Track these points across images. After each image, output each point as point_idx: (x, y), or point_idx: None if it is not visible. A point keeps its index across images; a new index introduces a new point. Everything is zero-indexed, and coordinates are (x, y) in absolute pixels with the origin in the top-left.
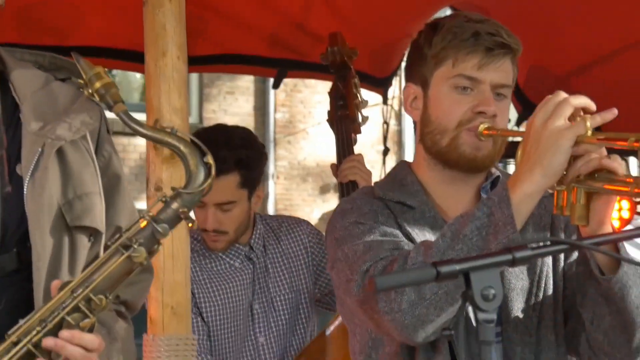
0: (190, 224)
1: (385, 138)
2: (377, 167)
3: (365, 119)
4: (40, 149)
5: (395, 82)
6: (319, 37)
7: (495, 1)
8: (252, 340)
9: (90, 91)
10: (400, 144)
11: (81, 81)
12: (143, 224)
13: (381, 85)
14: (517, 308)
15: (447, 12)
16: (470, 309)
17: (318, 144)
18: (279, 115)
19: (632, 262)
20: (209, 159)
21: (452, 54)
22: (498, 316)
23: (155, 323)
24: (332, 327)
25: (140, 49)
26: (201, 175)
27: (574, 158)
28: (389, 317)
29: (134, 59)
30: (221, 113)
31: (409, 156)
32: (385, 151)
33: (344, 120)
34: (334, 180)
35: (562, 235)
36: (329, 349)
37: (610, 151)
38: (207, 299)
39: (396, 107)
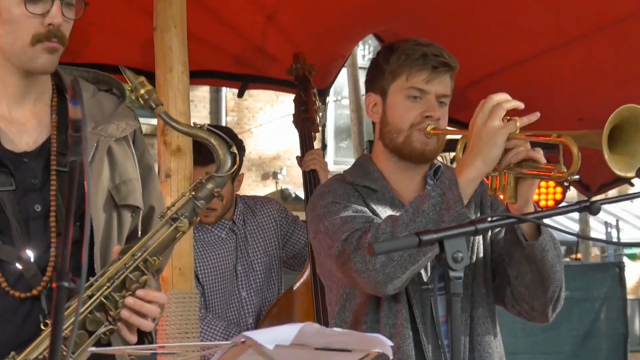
0: (221, 199)
1: (323, 137)
2: None
3: (321, 121)
4: (95, 144)
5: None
6: (274, 58)
7: (406, 29)
8: (237, 294)
9: (136, 94)
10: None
11: (128, 88)
12: (185, 200)
13: (320, 95)
14: None
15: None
16: (422, 271)
17: (260, 141)
18: (229, 118)
19: (567, 232)
20: (234, 149)
21: (406, 71)
22: (442, 274)
23: (166, 281)
24: (298, 284)
25: (143, 67)
26: (229, 162)
27: (505, 150)
28: (364, 275)
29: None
30: None
31: (329, 155)
32: (323, 147)
33: (306, 122)
34: (272, 169)
35: (489, 211)
36: (296, 301)
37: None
38: (200, 263)
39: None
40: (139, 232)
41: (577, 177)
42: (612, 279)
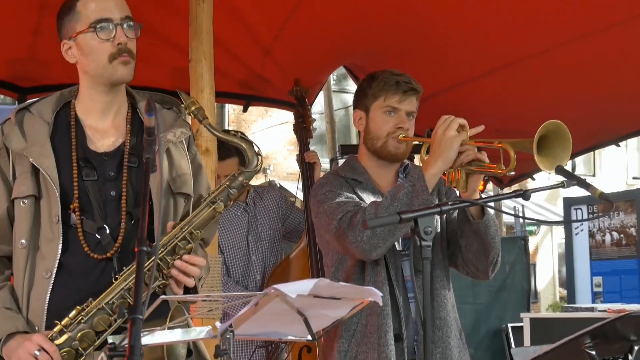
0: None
1: None
2: (288, 159)
3: (314, 129)
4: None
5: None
6: (270, 82)
7: (365, 63)
8: (248, 257)
9: (188, 111)
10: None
11: (183, 106)
12: (221, 188)
13: None
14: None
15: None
16: (396, 243)
17: None
18: (230, 128)
19: (505, 212)
20: (259, 151)
21: (384, 93)
22: (410, 244)
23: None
24: (296, 251)
25: (172, 89)
26: (255, 161)
27: (459, 153)
28: (355, 245)
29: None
30: None
31: None
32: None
33: (303, 130)
34: (262, 166)
35: (445, 199)
36: (292, 266)
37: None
38: (221, 236)
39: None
40: None
41: (513, 172)
42: (519, 249)
